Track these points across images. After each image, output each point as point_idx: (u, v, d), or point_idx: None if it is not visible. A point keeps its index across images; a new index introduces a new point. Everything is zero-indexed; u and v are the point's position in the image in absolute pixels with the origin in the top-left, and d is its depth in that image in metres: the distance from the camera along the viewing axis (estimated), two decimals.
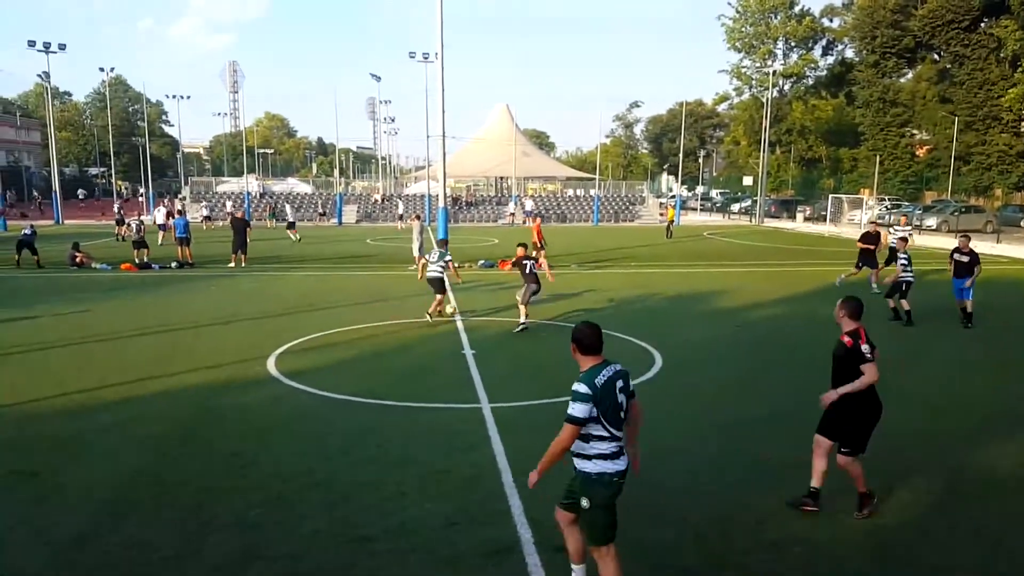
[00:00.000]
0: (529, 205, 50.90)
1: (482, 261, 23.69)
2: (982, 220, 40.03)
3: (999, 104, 48.86)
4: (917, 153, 60.39)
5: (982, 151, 51.00)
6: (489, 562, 5.13)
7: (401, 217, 23.44)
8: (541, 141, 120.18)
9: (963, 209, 41.71)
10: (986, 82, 50.83)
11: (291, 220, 36.77)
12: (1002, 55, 50.12)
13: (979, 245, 18.51)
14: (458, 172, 65.76)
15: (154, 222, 34.19)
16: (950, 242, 32.29)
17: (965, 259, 13.78)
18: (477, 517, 5.82)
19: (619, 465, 4.18)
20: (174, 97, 64.14)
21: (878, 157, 55.08)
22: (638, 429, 4.64)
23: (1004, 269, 23.33)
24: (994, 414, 8.62)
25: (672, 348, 11.72)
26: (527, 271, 13.49)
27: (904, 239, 15.39)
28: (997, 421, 8.38)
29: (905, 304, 13.93)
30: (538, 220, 23.72)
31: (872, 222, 22.81)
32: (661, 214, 51.71)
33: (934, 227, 40.11)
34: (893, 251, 16.78)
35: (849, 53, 69.82)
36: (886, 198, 50.02)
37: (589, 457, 4.14)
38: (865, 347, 5.53)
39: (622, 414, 4.21)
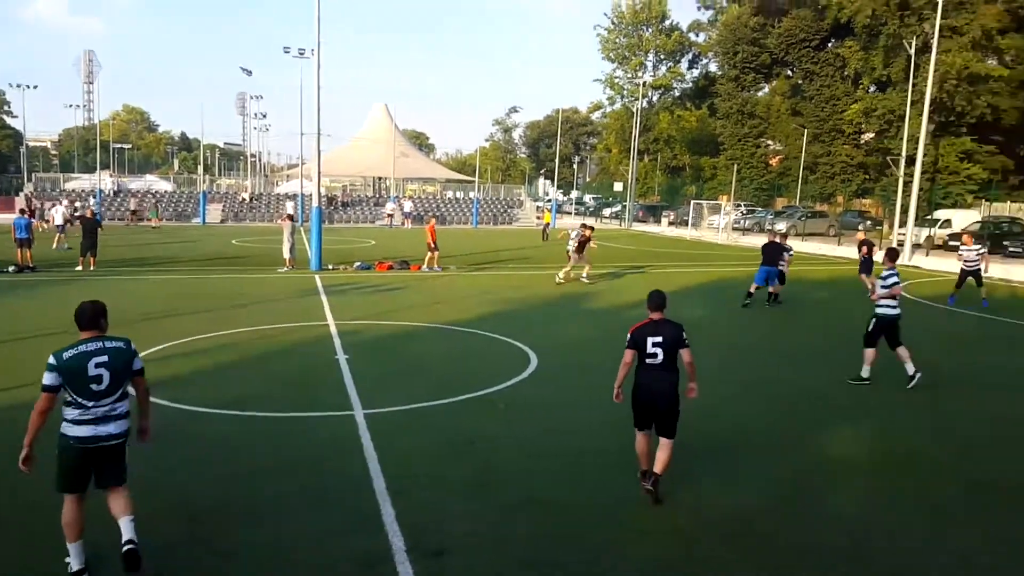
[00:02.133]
0: (408, 206, 50.41)
1: (359, 263, 23.22)
2: (825, 224, 43.59)
3: (842, 118, 53.11)
4: (771, 162, 64.76)
5: (827, 161, 55.39)
6: (363, 572, 5.00)
7: (291, 217, 22.61)
8: (421, 142, 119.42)
9: (809, 214, 45.17)
10: (832, 97, 55.37)
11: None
12: (846, 73, 54.67)
13: (822, 247, 20.00)
14: (334, 171, 64.25)
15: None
16: (799, 244, 34.84)
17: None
18: (350, 526, 5.66)
19: (81, 431, 4.67)
20: (18, 86, 58.88)
21: (736, 166, 58.60)
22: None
23: (842, 269, 25.36)
24: (841, 406, 9.35)
25: (548, 347, 11.93)
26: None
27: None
28: (842, 411, 9.09)
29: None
30: (432, 221, 23.61)
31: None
32: (538, 217, 52.65)
33: (784, 231, 43.13)
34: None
35: (713, 67, 73.87)
36: (742, 204, 53.35)
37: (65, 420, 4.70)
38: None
39: (95, 386, 4.67)
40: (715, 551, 5.47)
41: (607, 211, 64.10)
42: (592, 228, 21.32)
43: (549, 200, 62.19)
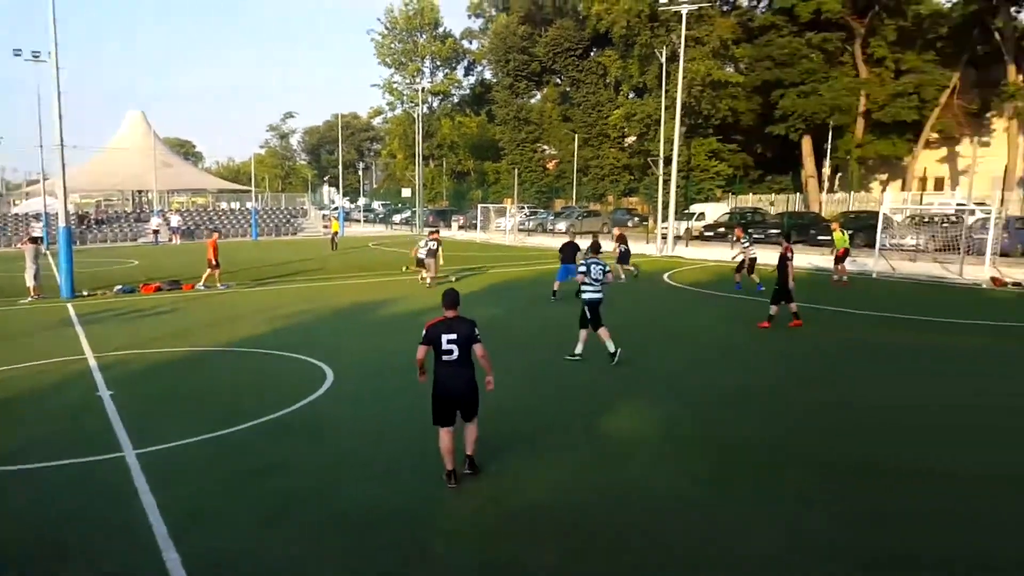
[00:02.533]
0: (175, 220, 46.48)
1: (120, 286, 20.85)
2: (599, 223, 46.75)
3: (607, 123, 57.04)
4: (548, 166, 68.12)
5: (597, 163, 59.30)
6: None
7: (35, 240, 19.60)
8: (187, 151, 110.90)
9: (585, 214, 48.15)
10: (597, 104, 59.31)
11: None
12: (608, 80, 58.79)
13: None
14: (85, 186, 57.60)
15: None
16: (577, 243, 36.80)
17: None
18: None
19: None
20: None
21: (516, 170, 60.98)
22: None
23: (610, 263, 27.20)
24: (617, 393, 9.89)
25: (344, 361, 11.44)
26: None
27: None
28: (624, 398, 9.62)
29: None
30: (215, 236, 21.74)
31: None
32: (325, 226, 51.02)
33: (564, 230, 45.80)
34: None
35: (488, 75, 76.12)
36: (525, 206, 55.65)
37: None
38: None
39: None
40: (521, 543, 5.55)
41: (397, 217, 63.75)
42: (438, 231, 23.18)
43: (336, 208, 60.57)
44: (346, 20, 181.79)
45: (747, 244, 19.20)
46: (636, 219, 49.58)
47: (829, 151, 48.66)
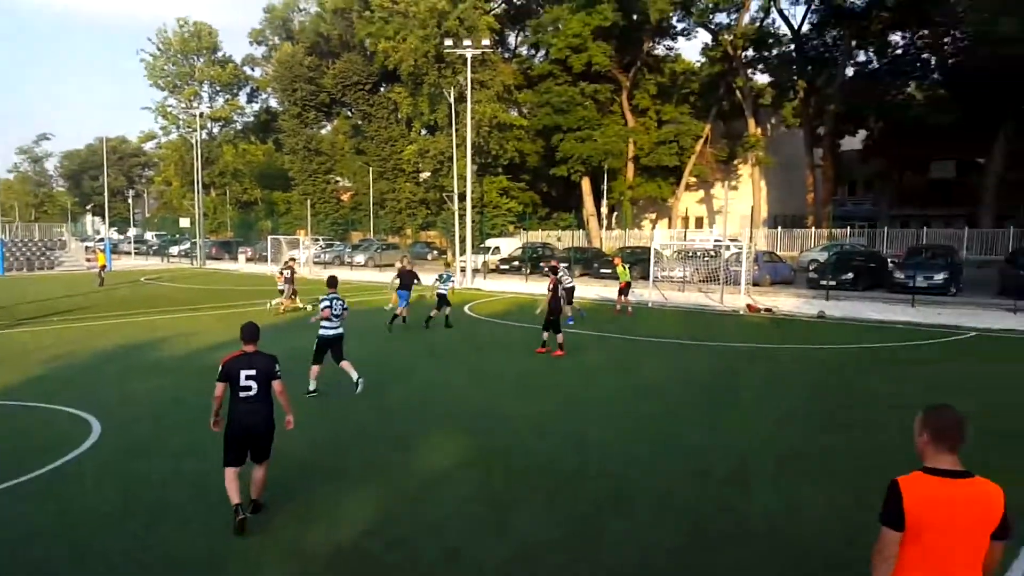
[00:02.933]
0: None
1: None
2: (399, 256, 46.56)
3: (401, 158, 57.36)
4: (342, 198, 66.94)
5: (394, 197, 59.31)
6: None
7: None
8: None
9: (384, 247, 47.87)
10: (390, 138, 59.44)
11: None
12: (399, 116, 59.22)
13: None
14: None
15: None
16: (376, 275, 36.54)
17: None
18: None
19: None
20: None
21: (309, 201, 59.26)
22: None
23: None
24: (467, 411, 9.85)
25: (113, 410, 10.26)
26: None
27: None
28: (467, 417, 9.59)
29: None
30: None
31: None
32: (89, 259, 46.02)
33: (363, 263, 45.30)
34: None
35: (273, 103, 73.51)
36: (320, 238, 54.15)
37: None
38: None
39: None
40: None
41: (175, 249, 59.02)
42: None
43: (101, 239, 54.86)
44: (111, 36, 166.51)
45: (562, 275, 20.20)
46: (435, 252, 50.21)
47: (605, 191, 52.65)
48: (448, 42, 37.76)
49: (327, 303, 11.06)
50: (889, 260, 30.60)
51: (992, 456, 7.93)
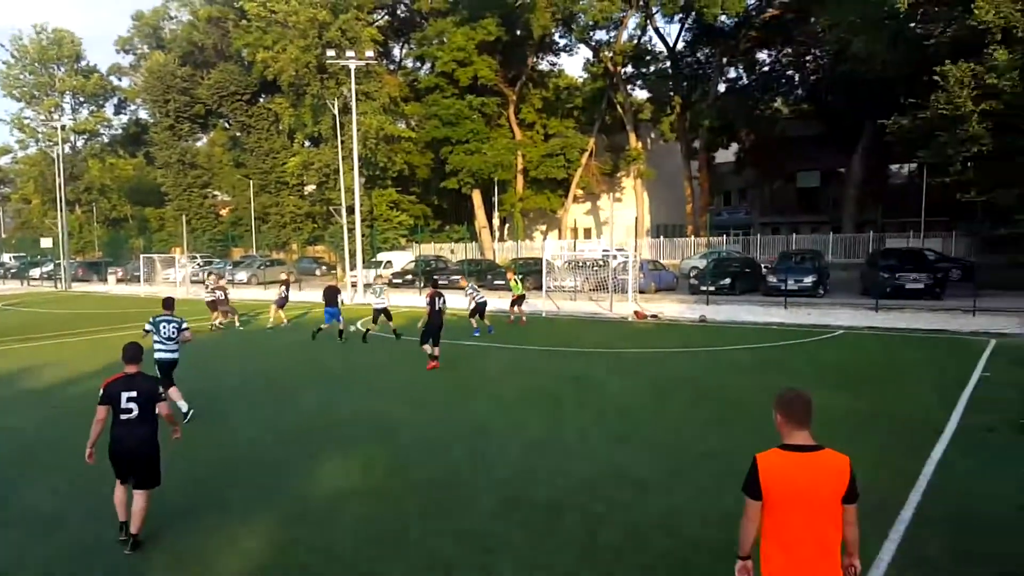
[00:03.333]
0: None
1: None
2: (285, 271, 45.21)
3: (284, 170, 55.45)
4: (221, 213, 64.14)
5: (277, 211, 57.33)
6: None
7: None
8: None
9: (268, 263, 46.22)
10: (271, 151, 57.53)
11: None
12: (280, 127, 57.36)
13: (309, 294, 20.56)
14: None
15: None
16: (261, 293, 35.25)
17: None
18: None
19: None
20: None
21: (184, 216, 56.47)
22: None
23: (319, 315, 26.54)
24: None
25: None
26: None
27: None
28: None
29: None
30: None
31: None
32: None
33: (245, 280, 43.49)
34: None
35: (144, 114, 69.71)
36: (198, 256, 51.63)
37: None
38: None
39: None
40: None
41: (36, 272, 54.62)
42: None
43: None
44: None
45: (473, 291, 20.37)
46: (324, 268, 48.95)
47: (497, 204, 53.15)
48: (330, 53, 37.07)
49: (150, 325, 10.63)
50: (763, 266, 32.46)
51: (856, 435, 8.57)
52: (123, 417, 6.12)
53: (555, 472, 8.09)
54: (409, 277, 37.84)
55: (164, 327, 10.55)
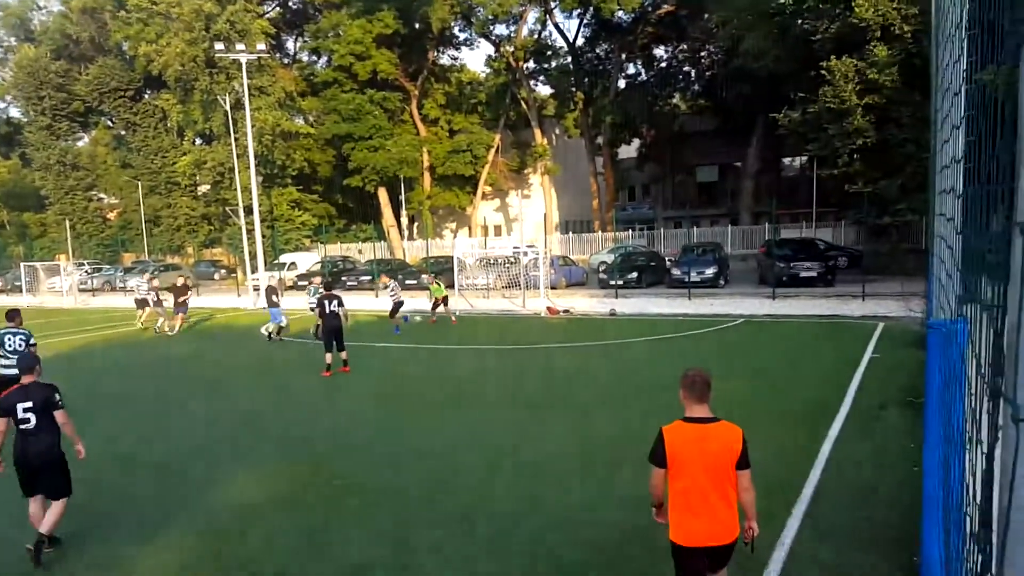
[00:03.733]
0: None
1: None
2: (182, 277, 43.24)
3: (175, 170, 52.77)
4: (109, 217, 60.61)
5: (170, 213, 54.54)
6: None
7: None
8: None
9: (163, 268, 43.93)
10: (160, 149, 54.57)
11: None
12: (169, 124, 54.37)
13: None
14: None
15: None
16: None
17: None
18: None
19: None
20: None
21: (68, 221, 53.09)
22: None
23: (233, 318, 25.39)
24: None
25: None
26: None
27: None
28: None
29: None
30: None
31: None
32: None
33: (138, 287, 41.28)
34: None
35: (15, 112, 65.03)
36: (85, 262, 48.71)
37: None
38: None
39: None
40: None
41: None
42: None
43: None
44: None
45: (393, 291, 20.56)
46: (223, 271, 46.96)
47: (404, 202, 52.48)
48: (219, 46, 35.55)
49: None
50: (667, 259, 33.38)
51: (757, 418, 8.88)
52: (21, 427, 6.09)
53: (472, 471, 8.01)
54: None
55: (9, 340, 9.84)
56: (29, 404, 6.10)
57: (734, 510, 4.00)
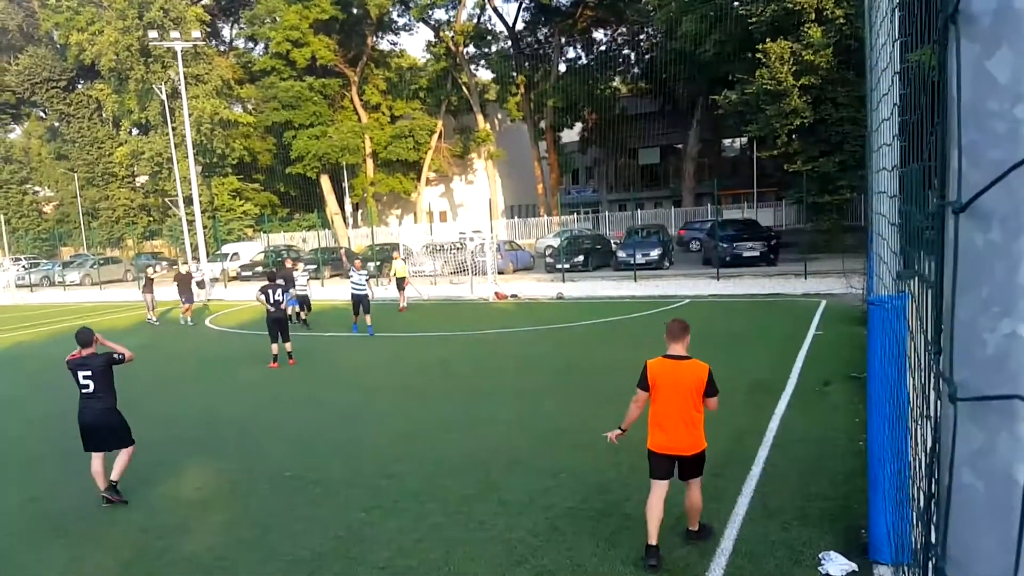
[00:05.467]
0: None
1: None
2: (121, 270, 42.04)
3: (112, 161, 51.27)
4: (45, 210, 58.53)
5: (108, 205, 52.85)
6: None
7: None
8: None
9: (102, 261, 42.54)
10: (96, 140, 52.82)
11: None
12: (104, 115, 52.66)
13: (122, 293, 18.95)
14: None
15: None
16: (97, 294, 32.51)
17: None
18: None
19: None
20: None
21: (3, 216, 51.04)
22: None
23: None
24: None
25: None
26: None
27: None
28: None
29: None
30: None
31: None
32: None
33: (78, 281, 40.12)
34: None
35: None
36: (21, 258, 47.01)
37: None
38: None
39: None
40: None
41: None
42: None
43: None
44: None
45: (357, 281, 18.55)
46: (164, 264, 45.63)
47: (348, 189, 51.68)
48: (153, 34, 34.37)
49: None
50: (612, 241, 33.67)
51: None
52: (82, 391, 7.03)
53: (422, 459, 7.96)
54: (260, 269, 35.96)
55: None
56: (88, 372, 6.98)
57: (698, 430, 5.19)
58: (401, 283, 22.09)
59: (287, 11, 46.01)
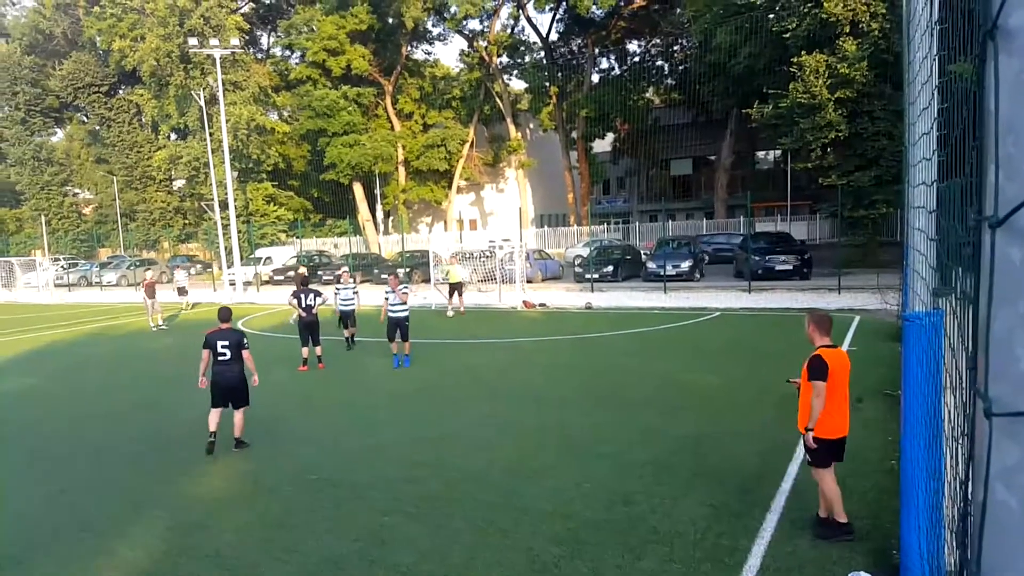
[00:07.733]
0: None
1: None
2: (158, 272, 42.83)
3: (151, 165, 52.44)
4: (84, 212, 59.94)
5: (145, 208, 54.08)
6: None
7: None
8: None
9: (138, 263, 43.44)
10: (135, 144, 54.11)
11: None
12: (143, 120, 53.98)
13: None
14: None
15: None
16: (133, 295, 33.13)
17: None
18: None
19: None
20: None
21: (44, 217, 52.33)
22: None
23: (196, 316, 25.09)
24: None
25: None
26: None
27: None
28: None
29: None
30: None
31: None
32: None
33: (114, 282, 40.98)
34: None
35: None
36: (61, 258, 48.13)
37: None
38: None
39: None
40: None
41: None
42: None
43: None
44: None
45: (406, 291, 18.77)
46: (199, 266, 46.49)
47: (379, 196, 52.13)
48: (193, 41, 35.10)
49: None
50: (642, 252, 33.46)
51: (733, 410, 8.92)
52: (219, 358, 8.58)
53: (446, 465, 7.98)
54: (291, 274, 36.35)
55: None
56: (226, 343, 8.56)
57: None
58: (460, 288, 22.26)
59: (324, 21, 46.74)
